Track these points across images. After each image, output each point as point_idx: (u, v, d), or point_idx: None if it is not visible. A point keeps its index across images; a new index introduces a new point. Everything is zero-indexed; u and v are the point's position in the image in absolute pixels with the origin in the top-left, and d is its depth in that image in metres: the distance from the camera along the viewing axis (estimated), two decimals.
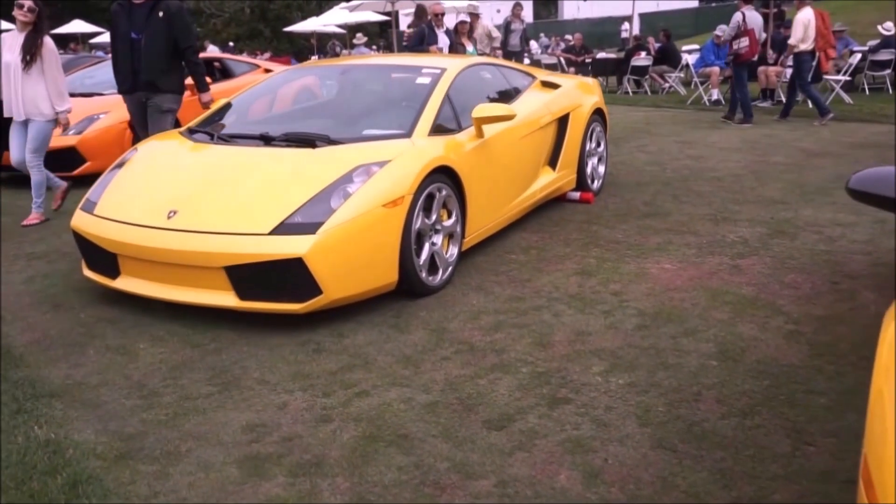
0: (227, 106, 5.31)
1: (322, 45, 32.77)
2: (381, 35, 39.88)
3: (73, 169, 7.73)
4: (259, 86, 5.53)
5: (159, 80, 6.25)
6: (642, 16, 39.14)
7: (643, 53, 16.38)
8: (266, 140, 4.50)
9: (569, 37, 25.76)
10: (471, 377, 3.34)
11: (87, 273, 4.40)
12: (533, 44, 33.99)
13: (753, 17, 10.90)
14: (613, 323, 3.87)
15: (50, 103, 6.09)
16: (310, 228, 3.73)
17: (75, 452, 2.81)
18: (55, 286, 4.69)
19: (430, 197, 4.23)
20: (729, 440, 2.78)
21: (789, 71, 12.47)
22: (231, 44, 32.71)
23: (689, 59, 15.02)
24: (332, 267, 3.76)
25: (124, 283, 4.12)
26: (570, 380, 3.28)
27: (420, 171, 4.11)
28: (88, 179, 7.62)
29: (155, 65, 6.23)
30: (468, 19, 9.14)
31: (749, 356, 3.46)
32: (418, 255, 4.17)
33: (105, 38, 28.95)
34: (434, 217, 4.30)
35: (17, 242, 5.73)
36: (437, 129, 4.58)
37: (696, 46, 19.45)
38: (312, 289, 3.75)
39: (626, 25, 40.92)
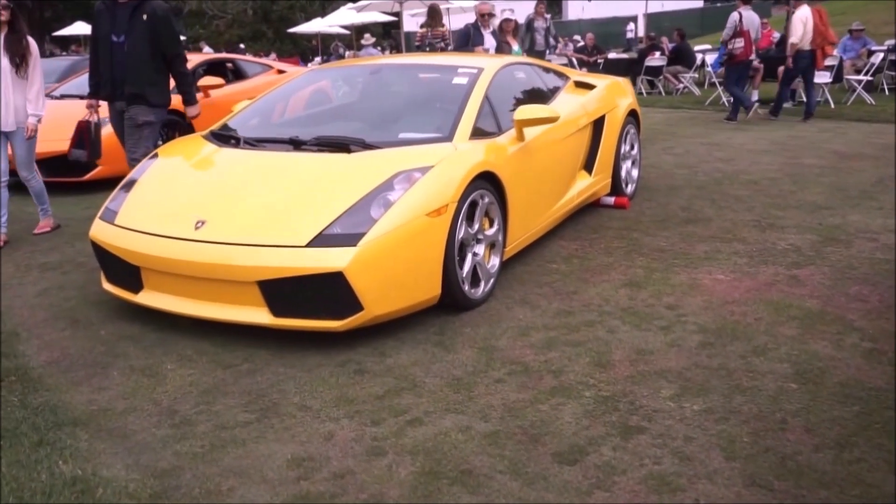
0: (250, 108, 5.03)
1: (326, 46, 32.53)
2: (384, 36, 39.65)
3: (84, 174, 7.48)
4: (283, 87, 5.26)
5: (146, 91, 5.49)
6: (647, 16, 38.92)
7: (657, 53, 16.11)
8: (296, 144, 4.23)
9: (577, 37, 25.49)
10: (530, 402, 3.07)
11: (107, 286, 4.13)
12: None
13: (750, 18, 10.91)
14: (675, 340, 3.61)
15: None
16: (350, 240, 3.46)
17: (105, 492, 2.54)
18: (71, 299, 4.42)
19: (473, 205, 3.97)
20: (829, 477, 2.51)
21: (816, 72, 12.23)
22: (242, 45, 32.33)
23: (707, 59, 14.71)
24: (374, 281, 3.49)
25: (148, 298, 3.86)
26: (640, 405, 3.01)
27: (464, 177, 3.85)
28: (100, 185, 7.40)
29: (142, 75, 5.48)
30: (513, 17, 8.74)
31: (830, 378, 3.19)
32: (461, 266, 3.91)
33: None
34: (476, 226, 4.03)
35: (28, 252, 5.46)
36: (477, 132, 4.31)
37: (708, 46, 19.21)
38: (353, 305, 3.48)
39: (631, 26, 40.83)
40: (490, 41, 8.54)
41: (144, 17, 5.40)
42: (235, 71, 9.31)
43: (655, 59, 15.80)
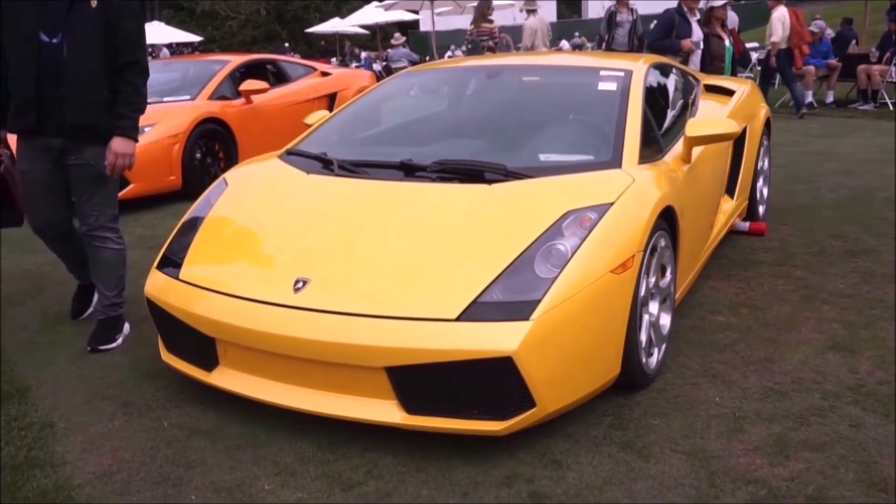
0: (332, 121, 4.06)
1: (339, 46, 31.56)
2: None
3: None
4: (371, 94, 4.27)
5: (100, 122, 3.47)
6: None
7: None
8: (409, 170, 3.26)
9: None
10: None
11: (168, 358, 3.17)
12: (564, 43, 32.76)
13: (732, 18, 11.03)
14: None
15: None
16: (517, 311, 2.50)
17: None
18: (117, 369, 3.46)
19: (652, 252, 3.00)
20: None
21: None
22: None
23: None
24: (549, 366, 2.53)
25: (225, 380, 2.90)
26: None
27: (649, 216, 2.90)
28: (133, 205, 6.48)
29: (92, 95, 3.45)
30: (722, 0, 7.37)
31: None
32: (639, 332, 2.94)
33: None
34: (653, 278, 3.07)
35: (55, 295, 4.50)
36: (641, 154, 3.33)
37: (756, 44, 18.18)
38: (521, 399, 2.51)
39: (654, 24, 39.67)
40: (698, 33, 6.94)
41: (94, 3, 3.43)
42: (277, 73, 8.36)
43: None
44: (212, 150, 7.11)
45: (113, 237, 3.69)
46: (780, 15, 11.09)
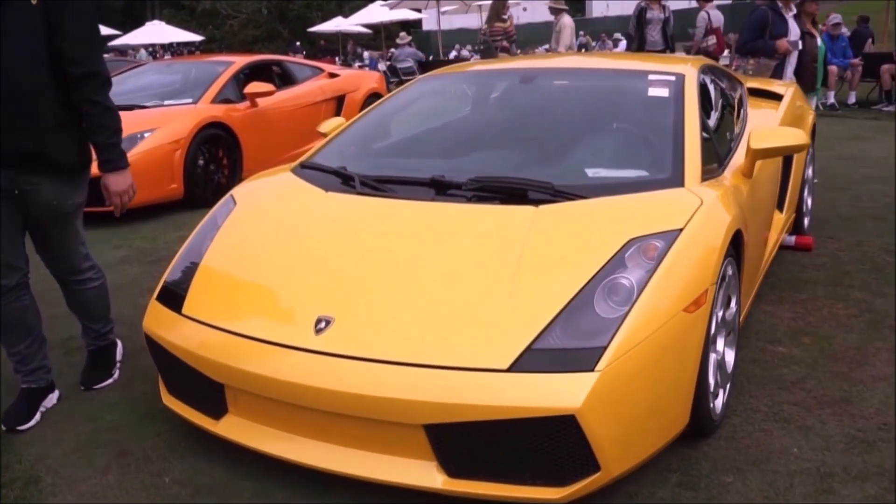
0: (350, 130, 3.69)
1: (338, 46, 31.19)
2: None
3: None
4: (391, 101, 3.89)
5: (49, 144, 2.81)
6: (675, 13, 37.49)
7: (725, 51, 14.71)
8: (440, 188, 2.89)
9: (618, 35, 24.10)
10: None
11: (169, 402, 2.81)
12: None
13: (717, 16, 10.54)
14: None
15: None
16: (580, 360, 2.13)
17: None
18: (113, 408, 3.11)
19: (721, 282, 2.63)
20: None
21: None
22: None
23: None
24: (615, 423, 2.16)
25: (235, 431, 2.53)
26: None
27: (722, 244, 2.54)
28: (130, 216, 6.11)
29: (33, 113, 2.77)
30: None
31: None
32: (707, 374, 2.58)
33: (127, 39, 27.32)
34: (721, 312, 2.70)
35: (48, 319, 4.10)
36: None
37: None
38: (584, 463, 2.15)
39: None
40: (796, 31, 6.42)
41: (34, 0, 2.70)
42: (283, 75, 7.99)
43: (725, 59, 14.40)
44: (215, 157, 6.75)
45: (91, 274, 3.22)
46: None
